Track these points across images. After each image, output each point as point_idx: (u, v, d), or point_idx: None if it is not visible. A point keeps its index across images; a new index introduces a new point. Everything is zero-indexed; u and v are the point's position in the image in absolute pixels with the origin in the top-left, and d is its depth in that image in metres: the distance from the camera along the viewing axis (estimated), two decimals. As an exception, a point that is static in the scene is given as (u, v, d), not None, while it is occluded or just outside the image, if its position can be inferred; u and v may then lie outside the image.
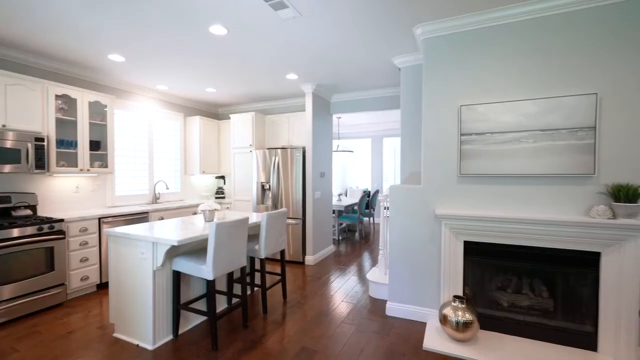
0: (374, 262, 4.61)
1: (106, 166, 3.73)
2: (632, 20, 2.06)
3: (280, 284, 3.58)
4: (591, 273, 2.21)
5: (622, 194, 2.00)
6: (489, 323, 2.51)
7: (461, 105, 2.50)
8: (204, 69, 3.70)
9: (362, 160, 9.01)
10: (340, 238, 6.15)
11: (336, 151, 6.55)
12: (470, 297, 2.59)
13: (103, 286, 3.48)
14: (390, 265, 2.87)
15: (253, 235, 3.24)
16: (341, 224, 6.52)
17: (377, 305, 3.07)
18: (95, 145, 3.65)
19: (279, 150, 4.55)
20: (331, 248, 5.15)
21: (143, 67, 3.62)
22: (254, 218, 3.17)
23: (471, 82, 2.51)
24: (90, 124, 3.61)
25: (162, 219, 4.10)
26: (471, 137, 2.48)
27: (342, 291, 3.46)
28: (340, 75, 3.89)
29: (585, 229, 2.12)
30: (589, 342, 2.21)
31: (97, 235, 3.35)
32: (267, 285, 3.05)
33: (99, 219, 3.37)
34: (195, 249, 2.68)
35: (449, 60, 2.58)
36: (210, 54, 3.22)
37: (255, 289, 3.46)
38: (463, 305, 2.35)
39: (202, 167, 5.11)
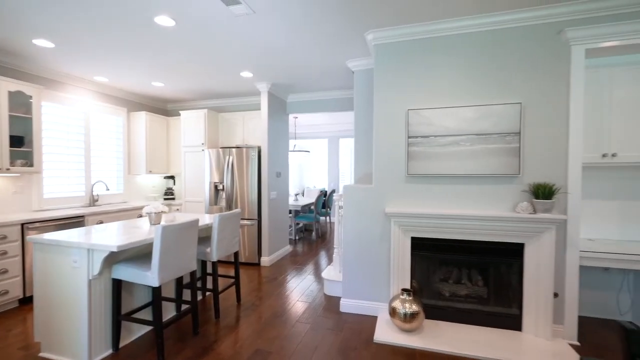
0: (330, 260, 4.69)
1: (31, 165, 3.30)
2: (545, 41, 2.36)
3: (234, 286, 3.48)
4: (517, 262, 2.49)
5: (540, 192, 2.29)
6: (433, 312, 2.70)
7: (409, 109, 2.65)
8: (149, 62, 3.46)
9: (319, 160, 9.12)
10: (297, 238, 6.16)
11: (293, 151, 6.55)
12: (417, 289, 2.77)
13: (27, 301, 3.08)
14: (343, 263, 2.95)
15: (205, 237, 3.11)
16: (298, 223, 6.53)
17: (331, 303, 3.14)
18: (17, 141, 3.21)
19: (233, 150, 4.41)
20: (288, 248, 5.13)
21: (77, 55, 3.27)
22: (206, 219, 3.05)
23: (418, 87, 2.68)
24: (11, 117, 3.17)
25: (101, 222, 3.75)
26: (417, 139, 2.64)
27: (298, 291, 3.47)
28: (296, 75, 3.90)
29: (512, 223, 2.39)
30: (516, 323, 2.50)
31: (19, 243, 2.95)
32: (220, 288, 2.95)
33: (22, 224, 2.98)
34: (140, 254, 2.50)
35: (398, 66, 2.72)
36: (156, 45, 3.02)
37: (208, 293, 3.33)
38: (410, 298, 2.50)
39: (148, 167, 4.77)
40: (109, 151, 4.52)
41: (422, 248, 2.70)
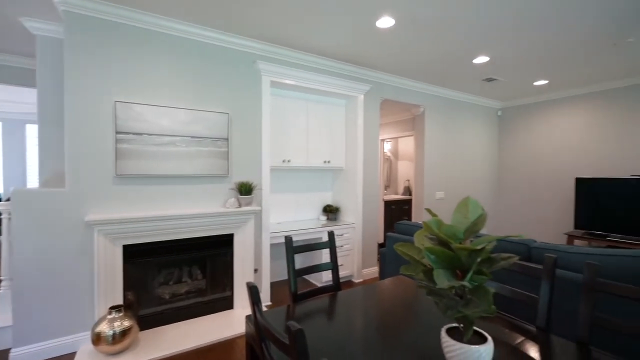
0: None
1: None
2: (246, 65, 2.90)
3: None
4: (229, 250, 2.88)
5: (243, 189, 2.78)
6: (152, 320, 2.55)
7: (116, 101, 2.32)
8: None
9: (-14, 152, 6.06)
10: None
11: None
12: (132, 301, 2.50)
13: None
14: (16, 298, 2.11)
15: None
16: None
17: (-7, 362, 2.15)
18: None
19: None
20: None
21: None
22: None
23: (128, 78, 2.40)
24: None
25: None
26: (129, 136, 2.38)
27: None
28: None
29: (224, 217, 2.73)
30: (229, 303, 2.88)
31: None
32: None
33: None
34: None
35: (102, 48, 2.31)
36: None
37: None
38: (121, 314, 2.21)
39: None
40: None
41: (137, 255, 2.47)
